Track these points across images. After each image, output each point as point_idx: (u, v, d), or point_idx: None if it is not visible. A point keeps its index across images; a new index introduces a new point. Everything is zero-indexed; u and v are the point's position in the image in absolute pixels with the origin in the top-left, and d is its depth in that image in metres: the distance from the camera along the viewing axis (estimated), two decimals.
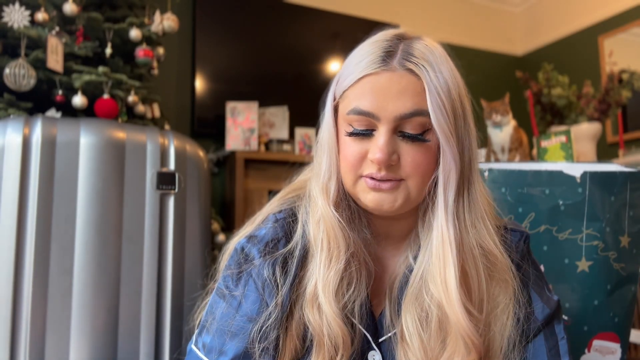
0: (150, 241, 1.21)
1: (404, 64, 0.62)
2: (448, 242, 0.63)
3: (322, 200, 0.68)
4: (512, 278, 0.67)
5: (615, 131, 3.09)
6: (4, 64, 1.41)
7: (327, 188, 0.68)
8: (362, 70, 0.63)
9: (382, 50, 0.63)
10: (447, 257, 0.63)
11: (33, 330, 1.08)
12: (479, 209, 0.66)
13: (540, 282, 0.72)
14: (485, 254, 0.66)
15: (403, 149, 0.63)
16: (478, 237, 0.65)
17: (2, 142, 1.13)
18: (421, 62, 0.62)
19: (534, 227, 1.04)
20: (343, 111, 0.66)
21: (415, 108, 0.61)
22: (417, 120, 0.62)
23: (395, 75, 0.62)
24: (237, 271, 0.69)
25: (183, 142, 1.32)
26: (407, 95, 0.61)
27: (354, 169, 0.65)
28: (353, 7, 3.25)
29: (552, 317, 0.70)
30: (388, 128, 0.62)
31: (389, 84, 0.62)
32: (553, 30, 3.67)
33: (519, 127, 1.96)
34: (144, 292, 1.19)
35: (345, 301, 0.65)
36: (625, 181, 1.02)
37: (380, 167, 0.62)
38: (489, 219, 0.67)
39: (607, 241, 1.01)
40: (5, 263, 1.09)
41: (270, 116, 2.76)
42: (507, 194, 1.07)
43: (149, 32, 1.72)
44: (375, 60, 0.63)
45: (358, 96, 0.63)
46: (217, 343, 0.67)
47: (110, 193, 1.18)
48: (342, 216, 0.67)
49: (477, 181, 0.67)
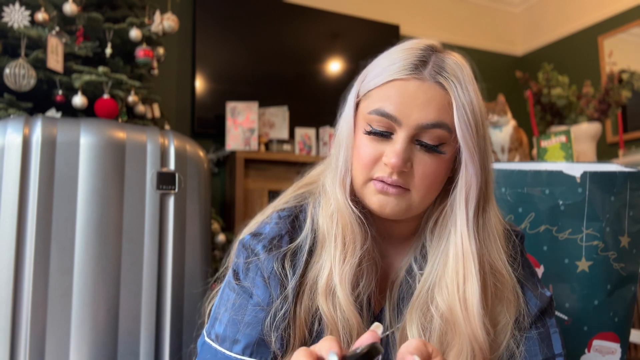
0: (150, 241, 1.21)
1: (434, 76, 0.63)
2: (470, 257, 0.64)
3: (340, 193, 0.69)
4: (515, 298, 0.68)
5: (615, 131, 3.09)
6: (4, 64, 1.41)
7: (344, 182, 0.69)
8: (392, 74, 0.64)
9: (415, 58, 0.64)
10: (468, 271, 0.64)
11: (33, 330, 1.08)
12: (492, 227, 0.68)
13: (532, 279, 0.74)
14: (494, 273, 0.67)
15: (417, 158, 0.64)
16: (489, 256, 0.66)
17: (2, 142, 1.13)
18: (451, 78, 0.63)
19: (534, 227, 1.04)
20: (365, 110, 0.67)
21: (437, 120, 0.62)
22: (436, 132, 0.63)
23: (424, 85, 0.63)
24: (245, 265, 0.70)
25: (183, 142, 1.32)
26: (432, 107, 0.62)
27: (367, 169, 0.65)
28: (353, 7, 3.25)
29: (543, 311, 0.71)
30: (407, 135, 0.63)
31: (416, 92, 0.63)
32: (553, 30, 3.67)
33: (519, 127, 1.96)
34: (144, 292, 1.19)
35: (358, 292, 0.67)
36: (625, 181, 1.02)
37: (393, 171, 0.63)
38: (501, 238, 0.68)
39: (607, 241, 1.01)
40: (5, 263, 1.09)
41: (270, 116, 2.76)
42: (507, 194, 1.07)
43: (149, 32, 1.72)
44: (406, 66, 0.64)
45: (383, 98, 0.64)
46: (230, 332, 0.67)
47: (110, 193, 1.18)
48: (359, 211, 0.68)
49: (492, 199, 0.69)
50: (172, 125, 2.11)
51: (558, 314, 1.04)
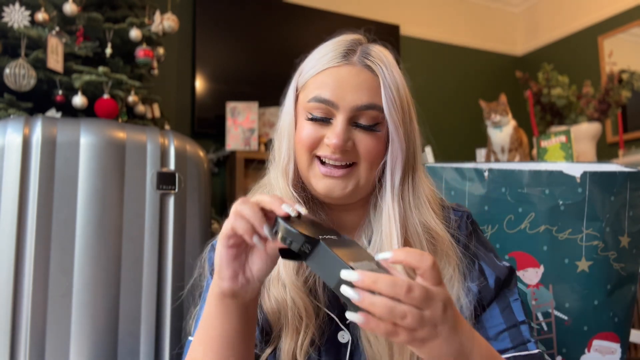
0: (150, 241, 1.21)
1: (363, 60, 0.70)
2: (393, 219, 0.70)
3: (282, 181, 0.73)
4: (453, 252, 0.72)
5: (615, 131, 3.09)
6: (4, 64, 1.41)
7: (286, 170, 0.74)
8: (325, 64, 0.71)
9: (344, 48, 0.71)
10: (392, 232, 0.69)
11: (33, 330, 1.08)
12: (421, 193, 0.73)
13: (489, 254, 0.77)
14: (429, 231, 0.71)
15: (357, 138, 0.70)
16: (421, 216, 0.72)
17: (2, 142, 1.13)
18: (377, 61, 0.70)
19: (534, 227, 1.04)
20: (304, 100, 0.72)
21: (370, 102, 0.69)
22: (370, 113, 0.69)
23: (354, 69, 0.70)
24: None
25: (183, 142, 1.32)
26: (364, 89, 0.69)
27: (310, 149, 0.70)
28: (353, 7, 3.25)
29: (503, 282, 0.73)
30: (345, 117, 0.68)
31: (348, 77, 0.69)
32: (553, 30, 3.67)
33: (519, 127, 1.96)
34: (144, 292, 1.19)
35: (306, 276, 0.70)
36: (625, 181, 1.02)
37: (336, 151, 0.68)
38: (431, 202, 0.74)
39: (607, 241, 1.01)
40: (6, 263, 1.09)
41: (270, 116, 2.76)
42: (507, 194, 1.07)
43: (149, 32, 1.72)
44: (337, 55, 0.71)
45: (319, 86, 0.70)
46: None
47: (110, 193, 1.18)
48: (300, 197, 0.72)
49: (420, 170, 0.75)
50: (172, 125, 2.11)
51: (558, 314, 1.04)
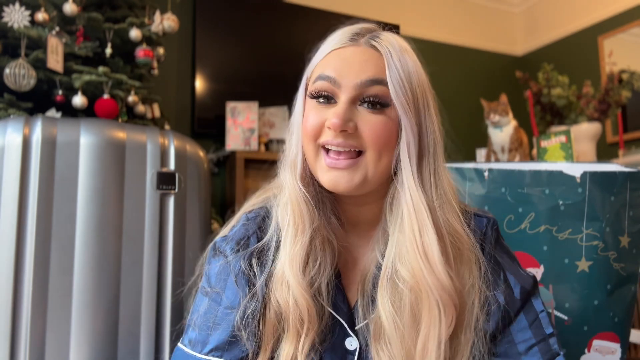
0: (150, 241, 1.21)
1: (369, 42, 0.68)
2: (422, 208, 0.64)
3: (289, 176, 0.70)
4: (476, 257, 0.68)
5: (615, 131, 3.09)
6: (4, 64, 1.41)
7: (294, 163, 0.71)
8: (331, 47, 0.69)
9: (351, 33, 0.69)
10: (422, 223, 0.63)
11: (33, 330, 1.08)
12: (445, 188, 0.68)
13: (513, 263, 0.74)
14: (452, 233, 0.66)
15: (362, 119, 0.65)
16: (444, 216, 0.66)
17: (2, 142, 1.13)
18: (384, 43, 0.67)
19: (534, 227, 1.04)
20: (310, 85, 0.69)
21: (375, 77, 0.65)
22: (375, 88, 0.65)
23: (359, 49, 0.67)
24: (215, 268, 0.72)
25: (183, 142, 1.32)
26: (368, 65, 0.65)
27: (313, 137, 0.67)
28: (353, 7, 3.25)
29: (528, 293, 0.71)
30: (348, 97, 0.65)
31: (353, 55, 0.67)
32: (553, 30, 3.67)
33: (519, 128, 1.96)
34: (144, 292, 1.19)
35: (312, 276, 0.67)
36: (625, 181, 1.02)
37: (336, 132, 0.64)
38: (455, 201, 0.69)
39: (607, 241, 1.01)
40: (5, 263, 1.09)
41: (270, 116, 2.76)
42: (507, 194, 1.07)
43: (149, 32, 1.72)
44: (343, 39, 0.69)
45: (324, 66, 0.68)
46: (202, 336, 0.68)
47: (110, 193, 1.18)
48: (308, 191, 0.69)
49: (442, 165, 0.69)
50: (172, 125, 2.11)
51: (558, 314, 1.04)
